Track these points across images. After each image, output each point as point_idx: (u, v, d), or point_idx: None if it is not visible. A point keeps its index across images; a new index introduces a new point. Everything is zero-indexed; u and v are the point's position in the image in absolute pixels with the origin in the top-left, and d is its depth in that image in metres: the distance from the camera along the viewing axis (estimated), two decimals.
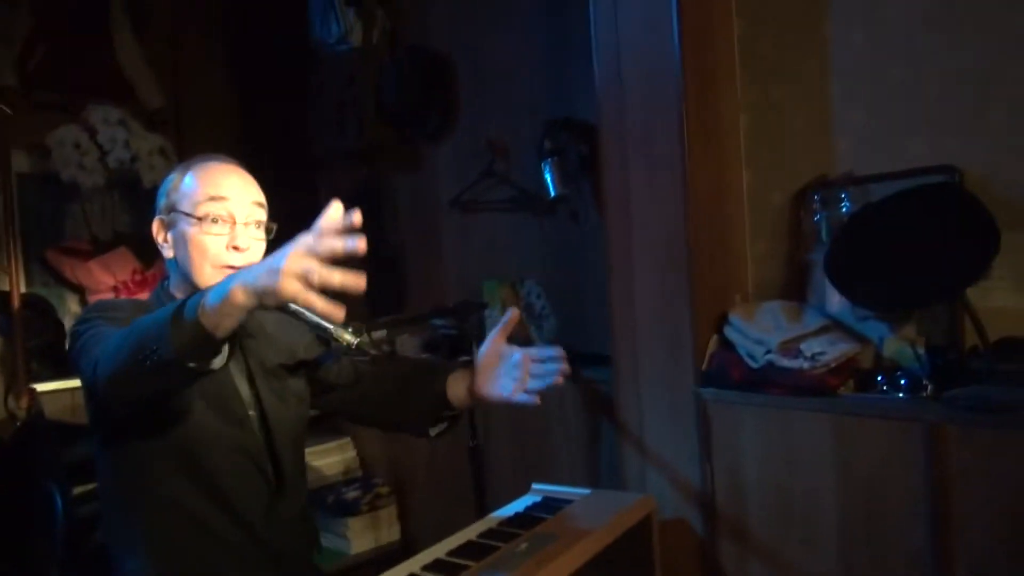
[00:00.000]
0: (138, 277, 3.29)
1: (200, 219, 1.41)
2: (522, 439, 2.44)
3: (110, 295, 3.25)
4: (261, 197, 1.50)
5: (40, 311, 3.03)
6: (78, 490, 2.66)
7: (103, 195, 3.42)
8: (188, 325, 1.08)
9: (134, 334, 1.15)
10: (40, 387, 2.85)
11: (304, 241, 1.01)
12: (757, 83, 1.97)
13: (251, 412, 1.49)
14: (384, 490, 2.93)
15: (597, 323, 2.49)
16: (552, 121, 2.42)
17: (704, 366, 1.79)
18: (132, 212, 3.54)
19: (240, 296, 1.05)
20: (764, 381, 1.65)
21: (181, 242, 1.44)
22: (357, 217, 1.00)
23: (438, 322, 2.75)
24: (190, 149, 3.68)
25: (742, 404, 1.70)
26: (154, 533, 1.42)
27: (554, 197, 2.37)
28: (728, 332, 1.78)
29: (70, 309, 3.35)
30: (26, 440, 2.78)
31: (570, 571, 1.45)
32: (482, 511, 2.10)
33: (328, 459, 3.07)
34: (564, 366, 1.48)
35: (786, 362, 1.60)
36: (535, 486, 1.86)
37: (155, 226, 1.49)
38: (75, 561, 2.41)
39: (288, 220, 1.54)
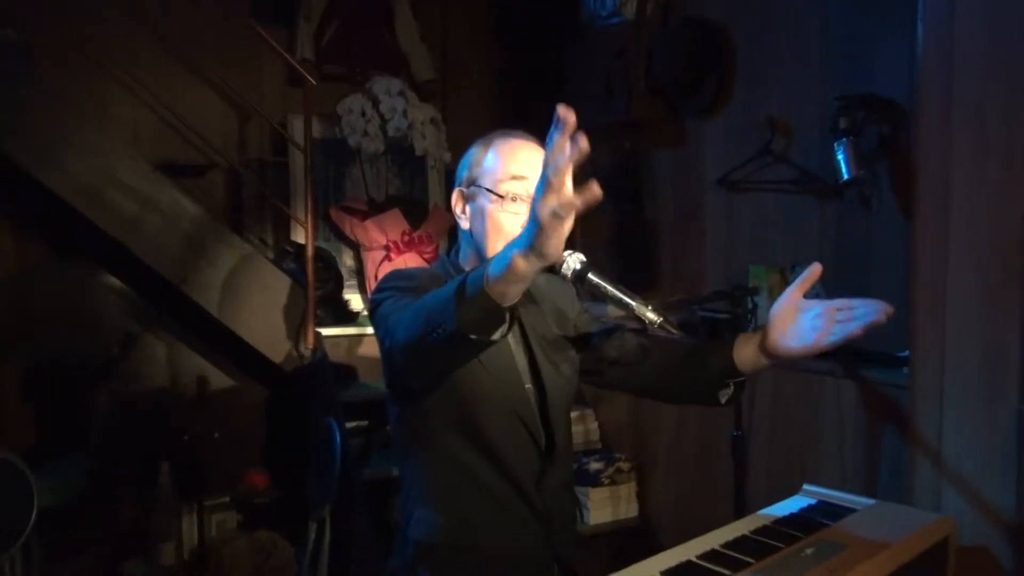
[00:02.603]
0: (407, 238, 3.54)
1: (501, 197, 1.44)
2: (789, 434, 2.31)
3: (381, 252, 3.54)
4: None
5: (326, 263, 3.35)
6: (350, 425, 2.95)
7: (380, 160, 3.72)
8: (474, 298, 1.11)
9: (423, 310, 1.21)
10: (323, 331, 3.16)
11: (544, 181, 1.01)
12: None
13: (527, 385, 1.52)
14: (625, 465, 2.94)
15: None
16: (849, 97, 2.22)
17: None
18: (402, 177, 3.82)
19: (521, 262, 1.07)
20: None
21: (479, 216, 1.48)
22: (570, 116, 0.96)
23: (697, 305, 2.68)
24: (454, 120, 3.89)
25: None
26: (438, 487, 1.50)
27: (846, 180, 2.18)
28: None
29: (346, 263, 3.70)
30: (310, 379, 3.11)
31: None
32: (741, 504, 2.02)
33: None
34: (886, 307, 1.33)
35: None
36: (807, 487, 1.75)
37: (455, 197, 1.53)
38: (348, 488, 2.67)
39: None
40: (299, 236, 3.38)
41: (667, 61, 2.86)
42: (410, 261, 3.53)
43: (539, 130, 1.51)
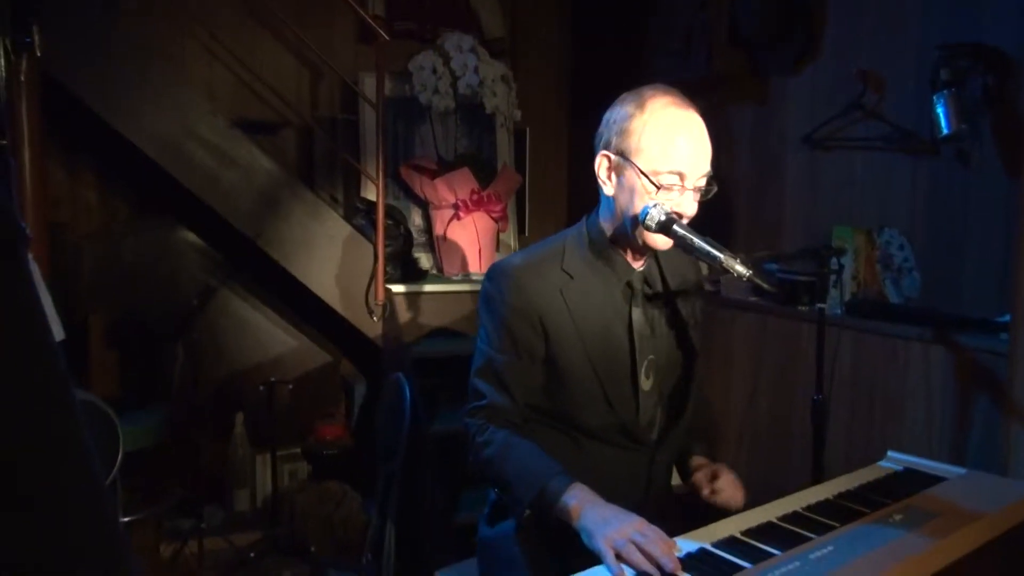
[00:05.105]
0: (475, 196, 3.51)
1: (656, 186, 1.42)
2: (871, 401, 2.22)
3: (450, 211, 3.52)
4: (709, 163, 1.47)
5: (395, 220, 3.36)
6: (418, 381, 2.97)
7: (450, 118, 3.68)
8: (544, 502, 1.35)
9: (505, 477, 1.42)
10: (392, 288, 3.18)
11: (632, 528, 1.20)
12: None
13: (651, 356, 1.55)
14: None
15: (976, 283, 2.18)
16: (952, 46, 2.08)
17: None
18: (472, 136, 3.78)
19: (573, 520, 1.30)
20: None
21: (627, 191, 1.45)
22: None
23: (772, 266, 2.59)
24: (525, 78, 3.82)
25: None
26: (545, 447, 1.49)
27: (945, 135, 2.05)
28: None
29: (415, 221, 3.70)
30: (381, 335, 3.14)
31: (957, 555, 1.29)
32: (819, 472, 1.96)
33: None
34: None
35: None
36: (892, 454, 1.69)
37: (599, 161, 1.48)
38: (416, 443, 2.70)
39: None
40: (369, 193, 3.39)
41: (752, 12, 2.73)
42: (478, 220, 3.50)
43: (612, 84, 1.46)
